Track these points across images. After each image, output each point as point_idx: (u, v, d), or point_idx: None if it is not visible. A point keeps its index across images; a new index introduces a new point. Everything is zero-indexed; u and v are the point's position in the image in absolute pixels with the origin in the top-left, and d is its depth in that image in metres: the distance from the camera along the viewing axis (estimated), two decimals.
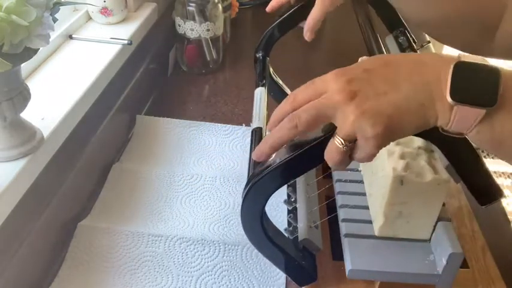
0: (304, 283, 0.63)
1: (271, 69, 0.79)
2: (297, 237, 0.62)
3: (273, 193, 0.53)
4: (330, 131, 0.44)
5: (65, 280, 0.67)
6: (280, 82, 0.81)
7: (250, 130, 0.64)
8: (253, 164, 0.57)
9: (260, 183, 0.52)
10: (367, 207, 0.64)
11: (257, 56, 0.77)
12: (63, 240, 0.71)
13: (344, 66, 0.45)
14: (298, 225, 0.62)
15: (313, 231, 0.61)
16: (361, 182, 0.67)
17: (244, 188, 0.53)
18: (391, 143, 0.58)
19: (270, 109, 0.69)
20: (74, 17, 0.94)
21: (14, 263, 0.61)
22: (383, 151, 0.59)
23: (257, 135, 0.62)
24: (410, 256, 0.58)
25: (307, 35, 0.71)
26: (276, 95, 0.80)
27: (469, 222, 0.76)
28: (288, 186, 0.72)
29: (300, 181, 0.70)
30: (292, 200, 0.67)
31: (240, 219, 0.77)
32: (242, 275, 0.69)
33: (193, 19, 1.09)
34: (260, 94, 0.68)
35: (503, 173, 2.39)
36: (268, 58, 0.78)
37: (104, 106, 0.86)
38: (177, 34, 1.13)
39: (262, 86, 0.70)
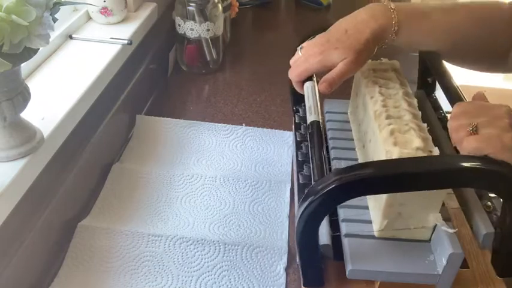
0: (311, 285, 0.62)
1: None
2: None
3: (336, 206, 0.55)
4: None
5: (65, 280, 0.67)
6: None
7: (308, 123, 0.64)
8: (319, 172, 0.57)
9: (329, 193, 0.52)
10: (367, 207, 0.64)
11: None
12: (63, 240, 0.71)
13: None
14: (320, 230, 0.62)
15: (332, 239, 0.62)
16: None
17: (308, 196, 0.53)
18: (390, 142, 0.58)
19: None
20: (74, 17, 0.93)
21: (14, 263, 0.61)
22: (382, 152, 0.59)
23: (316, 128, 0.63)
24: (410, 256, 0.58)
25: (322, 85, 0.67)
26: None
27: (469, 222, 0.76)
28: None
29: None
30: None
31: (239, 219, 0.78)
32: (242, 275, 0.69)
33: (193, 19, 1.09)
34: (310, 88, 0.68)
35: None
36: None
37: (104, 106, 0.86)
38: (177, 34, 1.13)
39: (309, 80, 0.70)
